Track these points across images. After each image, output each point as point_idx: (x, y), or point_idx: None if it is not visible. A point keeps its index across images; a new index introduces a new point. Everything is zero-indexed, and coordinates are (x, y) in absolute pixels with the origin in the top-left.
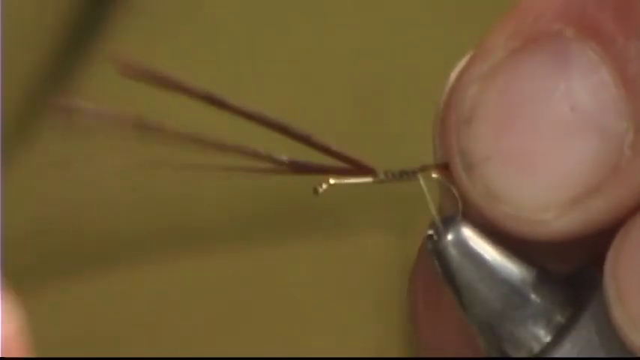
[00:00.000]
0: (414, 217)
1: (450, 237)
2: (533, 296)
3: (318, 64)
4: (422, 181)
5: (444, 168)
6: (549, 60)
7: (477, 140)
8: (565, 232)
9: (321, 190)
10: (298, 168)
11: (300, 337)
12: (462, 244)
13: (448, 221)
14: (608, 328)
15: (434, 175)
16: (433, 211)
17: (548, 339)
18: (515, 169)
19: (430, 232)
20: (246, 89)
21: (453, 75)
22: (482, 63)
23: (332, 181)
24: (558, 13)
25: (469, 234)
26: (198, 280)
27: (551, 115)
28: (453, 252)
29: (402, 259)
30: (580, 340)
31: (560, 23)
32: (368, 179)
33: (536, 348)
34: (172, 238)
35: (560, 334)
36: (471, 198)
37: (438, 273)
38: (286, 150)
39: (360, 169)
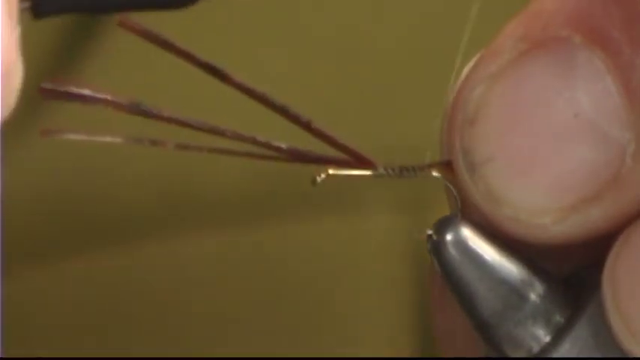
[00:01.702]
0: (422, 197)
1: (449, 237)
2: (532, 296)
3: (310, 48)
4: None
5: (445, 167)
6: (556, 65)
7: (480, 141)
8: (563, 236)
9: (319, 179)
10: (297, 156)
11: (307, 317)
12: (461, 244)
13: (447, 221)
14: (607, 329)
15: (434, 174)
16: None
17: (547, 339)
18: (517, 172)
19: (429, 231)
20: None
21: (464, 74)
22: (489, 64)
23: (331, 171)
24: (567, 19)
25: (468, 234)
26: (202, 258)
27: (554, 119)
28: (452, 252)
29: (408, 238)
30: (579, 340)
31: (568, 29)
32: (367, 172)
33: (536, 348)
34: (178, 217)
35: (559, 334)
36: (472, 198)
37: (438, 272)
38: (284, 135)
39: (359, 161)
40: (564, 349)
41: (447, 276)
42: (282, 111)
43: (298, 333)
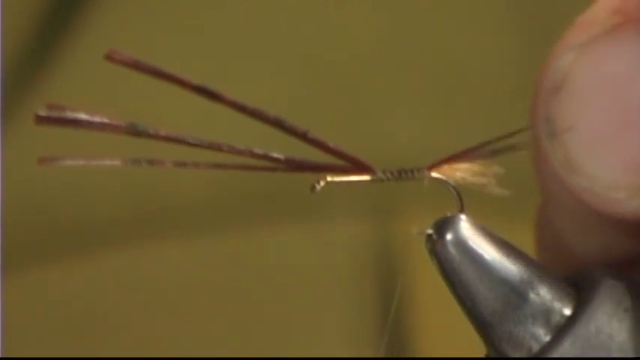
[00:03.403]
0: (392, 204)
1: (449, 237)
2: (532, 296)
3: (296, 52)
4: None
5: (442, 168)
6: None
7: (564, 109)
8: (636, 213)
9: (318, 187)
10: (295, 166)
11: (278, 320)
12: (461, 244)
13: (447, 221)
14: (607, 328)
15: (433, 175)
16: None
17: (547, 338)
18: (597, 144)
19: (430, 231)
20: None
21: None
22: (581, 33)
23: (329, 178)
24: None
25: (468, 234)
26: (180, 264)
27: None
28: (452, 251)
29: (378, 244)
30: (579, 339)
31: None
32: (366, 177)
33: (536, 347)
34: (156, 223)
35: (559, 333)
36: (550, 165)
37: (439, 272)
38: (282, 146)
39: (357, 167)
40: (564, 348)
41: (447, 276)
42: (278, 124)
43: (264, 337)
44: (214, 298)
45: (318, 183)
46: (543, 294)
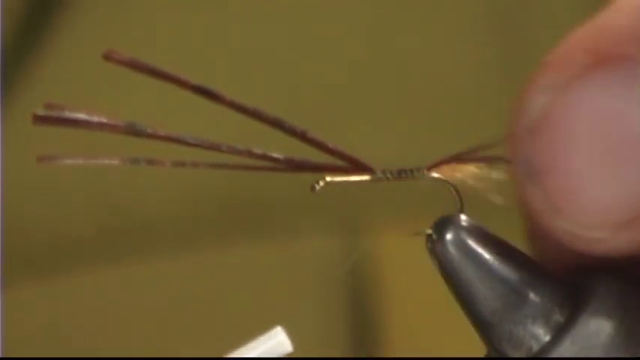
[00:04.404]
0: (357, 219)
1: (448, 236)
2: (532, 295)
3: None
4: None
5: (443, 167)
6: (621, 82)
7: (541, 151)
8: (619, 250)
9: (317, 187)
10: (294, 165)
11: (248, 335)
12: (460, 244)
13: (447, 220)
14: (607, 328)
15: (434, 175)
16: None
17: (547, 338)
18: (575, 186)
19: (429, 231)
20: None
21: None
22: (554, 74)
23: (328, 178)
24: (635, 36)
25: (468, 234)
26: (144, 283)
27: (616, 137)
28: (451, 251)
29: (344, 260)
30: (579, 339)
31: (635, 47)
32: (365, 177)
33: (536, 347)
34: (121, 240)
35: (559, 333)
36: (531, 208)
37: (439, 272)
38: (282, 146)
39: (357, 167)
40: (564, 348)
41: (447, 275)
42: (277, 124)
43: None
44: (185, 316)
45: (318, 183)
46: (543, 293)
